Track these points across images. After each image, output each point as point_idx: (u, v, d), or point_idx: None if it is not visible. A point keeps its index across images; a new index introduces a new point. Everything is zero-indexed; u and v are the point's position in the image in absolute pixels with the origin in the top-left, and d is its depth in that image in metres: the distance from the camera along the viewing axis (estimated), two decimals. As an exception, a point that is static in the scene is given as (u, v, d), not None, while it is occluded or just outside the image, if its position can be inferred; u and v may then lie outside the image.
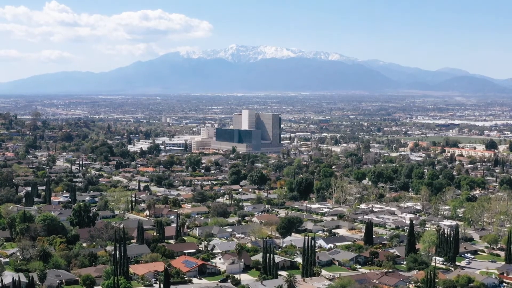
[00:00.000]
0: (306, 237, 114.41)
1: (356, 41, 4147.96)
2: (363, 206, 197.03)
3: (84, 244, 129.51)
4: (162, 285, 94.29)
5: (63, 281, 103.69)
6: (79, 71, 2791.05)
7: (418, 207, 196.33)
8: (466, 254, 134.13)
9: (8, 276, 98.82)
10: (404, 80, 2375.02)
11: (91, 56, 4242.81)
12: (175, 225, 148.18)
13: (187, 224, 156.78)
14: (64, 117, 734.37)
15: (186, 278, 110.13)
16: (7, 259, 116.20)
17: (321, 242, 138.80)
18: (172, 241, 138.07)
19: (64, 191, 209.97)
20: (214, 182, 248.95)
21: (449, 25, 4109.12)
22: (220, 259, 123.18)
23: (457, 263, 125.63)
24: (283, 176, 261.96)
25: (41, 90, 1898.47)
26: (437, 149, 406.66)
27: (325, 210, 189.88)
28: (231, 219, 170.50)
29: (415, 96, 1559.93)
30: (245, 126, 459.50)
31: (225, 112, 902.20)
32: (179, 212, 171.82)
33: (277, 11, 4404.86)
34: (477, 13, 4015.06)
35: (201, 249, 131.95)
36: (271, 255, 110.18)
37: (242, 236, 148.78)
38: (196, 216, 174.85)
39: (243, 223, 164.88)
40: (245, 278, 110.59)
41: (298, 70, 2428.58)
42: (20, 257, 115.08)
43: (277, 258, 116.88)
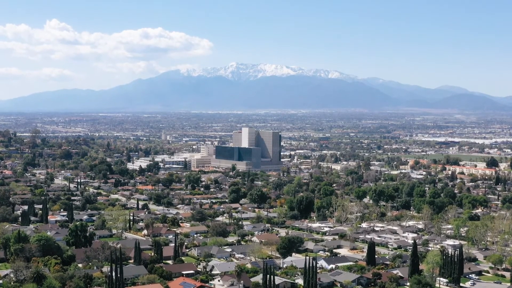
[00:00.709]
0: (307, 258, 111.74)
1: (356, 59, 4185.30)
2: (364, 225, 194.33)
3: (80, 265, 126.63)
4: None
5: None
6: (80, 89, 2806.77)
7: (420, 226, 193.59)
8: (470, 275, 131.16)
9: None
10: (404, 97, 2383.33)
11: (92, 74, 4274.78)
12: (173, 245, 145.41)
13: (185, 244, 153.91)
14: (64, 135, 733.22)
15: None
16: (0, 281, 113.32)
17: (322, 263, 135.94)
18: (170, 262, 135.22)
19: (62, 210, 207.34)
20: (214, 201, 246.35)
21: (448, 43, 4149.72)
22: (219, 280, 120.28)
23: (461, 284, 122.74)
24: (283, 195, 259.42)
25: (41, 107, 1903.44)
26: (438, 167, 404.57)
27: (326, 229, 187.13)
28: (231, 239, 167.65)
29: (414, 113, 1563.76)
30: (245, 143, 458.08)
31: (225, 129, 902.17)
32: (177, 232, 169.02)
33: (277, 29, 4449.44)
34: (476, 31, 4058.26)
35: (200, 270, 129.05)
36: (272, 276, 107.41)
37: (242, 256, 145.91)
38: (195, 235, 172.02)
39: (242, 243, 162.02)
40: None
41: (298, 88, 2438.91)
42: (13, 278, 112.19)
43: (278, 280, 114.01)
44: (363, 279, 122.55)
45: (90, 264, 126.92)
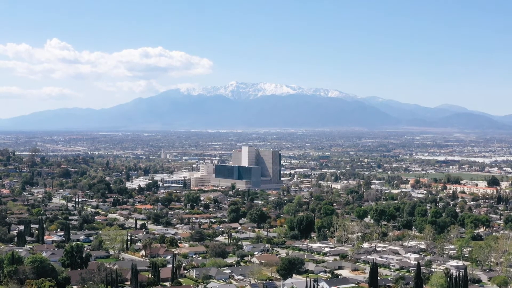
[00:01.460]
0: (308, 279, 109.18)
1: (356, 78, 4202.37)
2: (365, 245, 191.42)
3: (75, 287, 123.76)
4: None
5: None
6: (80, 108, 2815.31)
7: (422, 246, 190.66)
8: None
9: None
10: (403, 116, 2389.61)
11: (92, 93, 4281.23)
12: (171, 266, 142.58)
13: (184, 265, 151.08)
14: (64, 153, 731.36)
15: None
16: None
17: (323, 285, 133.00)
18: (167, 284, 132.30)
19: (59, 230, 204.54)
20: (213, 220, 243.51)
21: (447, 62, 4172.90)
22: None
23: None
24: (283, 214, 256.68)
25: (41, 126, 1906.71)
26: (439, 185, 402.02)
27: (326, 249, 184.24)
28: (230, 259, 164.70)
29: (414, 132, 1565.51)
30: (244, 162, 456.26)
31: (225, 148, 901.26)
32: (176, 252, 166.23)
33: (277, 48, 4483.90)
34: (475, 50, 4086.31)
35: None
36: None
37: (241, 278, 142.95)
38: (194, 256, 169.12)
39: (242, 264, 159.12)
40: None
41: (298, 107, 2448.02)
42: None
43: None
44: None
45: (86, 286, 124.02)
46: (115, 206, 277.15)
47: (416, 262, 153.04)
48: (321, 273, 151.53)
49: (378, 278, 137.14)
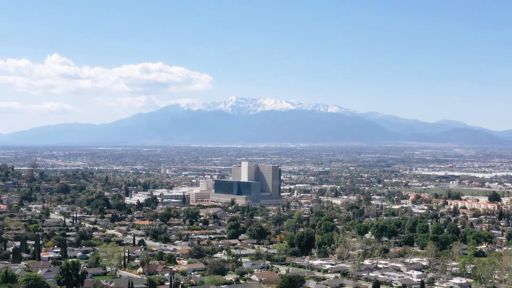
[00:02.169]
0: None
1: (355, 93, 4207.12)
2: (367, 262, 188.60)
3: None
4: None
5: None
6: (80, 123, 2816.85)
7: (424, 263, 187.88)
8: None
9: None
10: (403, 132, 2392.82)
11: (92, 108, 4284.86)
12: (169, 283, 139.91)
13: (182, 282, 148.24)
14: (64, 169, 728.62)
15: None
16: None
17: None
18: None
19: (55, 246, 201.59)
20: (212, 236, 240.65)
21: (446, 78, 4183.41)
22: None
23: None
24: (283, 230, 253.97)
25: (42, 141, 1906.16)
26: (440, 201, 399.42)
27: (327, 266, 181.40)
28: (229, 277, 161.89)
29: (414, 147, 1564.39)
30: (244, 178, 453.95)
31: (225, 163, 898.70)
32: (174, 269, 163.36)
33: (276, 64, 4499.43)
34: (474, 65, 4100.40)
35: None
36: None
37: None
38: (192, 273, 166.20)
39: (241, 281, 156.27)
40: None
41: (297, 122, 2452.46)
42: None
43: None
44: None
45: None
46: (114, 222, 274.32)
47: (418, 280, 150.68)
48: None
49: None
